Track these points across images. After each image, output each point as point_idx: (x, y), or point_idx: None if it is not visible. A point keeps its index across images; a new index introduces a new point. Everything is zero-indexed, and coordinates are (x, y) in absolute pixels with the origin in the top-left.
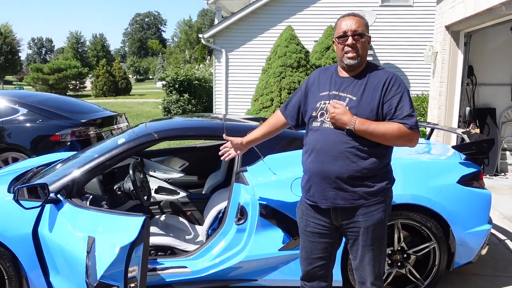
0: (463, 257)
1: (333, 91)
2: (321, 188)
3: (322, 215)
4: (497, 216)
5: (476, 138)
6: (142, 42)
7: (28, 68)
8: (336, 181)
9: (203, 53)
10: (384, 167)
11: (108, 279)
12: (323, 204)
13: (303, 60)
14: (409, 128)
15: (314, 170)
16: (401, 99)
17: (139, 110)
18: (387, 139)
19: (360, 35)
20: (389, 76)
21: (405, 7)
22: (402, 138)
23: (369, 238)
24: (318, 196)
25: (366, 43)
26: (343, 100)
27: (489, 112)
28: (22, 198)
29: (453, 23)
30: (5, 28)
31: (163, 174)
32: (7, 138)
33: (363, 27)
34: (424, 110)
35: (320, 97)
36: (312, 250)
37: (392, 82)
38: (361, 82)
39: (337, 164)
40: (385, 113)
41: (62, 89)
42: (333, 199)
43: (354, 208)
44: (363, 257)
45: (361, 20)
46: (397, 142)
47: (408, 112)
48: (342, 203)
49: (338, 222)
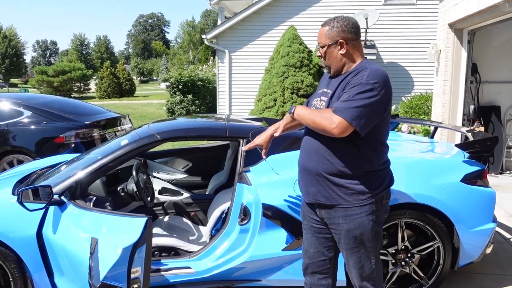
0: (468, 256)
1: (324, 89)
2: (305, 183)
3: (312, 210)
4: (502, 214)
5: (481, 136)
6: (146, 44)
7: (33, 71)
8: (315, 177)
9: (207, 53)
10: (364, 169)
11: (111, 280)
12: (307, 199)
13: (306, 59)
14: (333, 111)
15: (300, 165)
16: (350, 93)
17: (143, 112)
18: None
19: (322, 47)
20: (357, 69)
21: (408, 5)
22: (321, 119)
23: (351, 242)
24: (303, 191)
25: (333, 51)
26: (326, 96)
27: (493, 110)
28: (26, 200)
29: (456, 21)
30: (10, 31)
31: (167, 175)
32: (12, 140)
33: (324, 38)
34: (428, 108)
35: (315, 95)
36: (311, 243)
37: (351, 78)
38: (340, 79)
39: (313, 160)
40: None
41: (67, 91)
42: (314, 194)
43: (332, 206)
44: (348, 260)
45: (323, 30)
46: (318, 124)
47: (343, 98)
48: (322, 200)
49: (323, 219)
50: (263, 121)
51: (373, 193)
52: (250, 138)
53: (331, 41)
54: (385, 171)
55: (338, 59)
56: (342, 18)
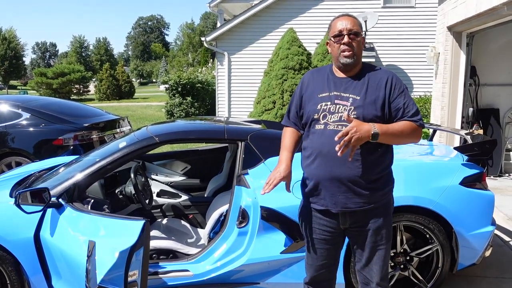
0: (467, 259)
1: (334, 92)
2: (331, 193)
3: (330, 220)
4: (501, 217)
5: (480, 139)
6: (145, 46)
7: (32, 73)
8: (348, 184)
9: (206, 56)
10: (388, 168)
11: (108, 284)
12: (334, 208)
13: (305, 62)
14: (419, 125)
15: (323, 175)
16: (405, 97)
17: (143, 114)
18: (402, 138)
19: (356, 34)
20: (389, 75)
21: (407, 8)
22: (413, 135)
23: (378, 239)
24: (328, 200)
25: (361, 43)
26: (346, 100)
27: (492, 113)
28: (24, 202)
29: (455, 24)
30: (9, 33)
31: (165, 177)
32: (10, 142)
33: (358, 27)
34: (427, 111)
35: (320, 99)
36: (319, 256)
37: (394, 82)
38: (362, 81)
39: (347, 167)
40: (394, 112)
41: (66, 93)
42: (344, 203)
43: (364, 211)
44: (371, 258)
45: (355, 20)
46: (408, 140)
47: (414, 109)
48: (353, 206)
49: (345, 226)
50: (262, 123)
51: (392, 187)
52: (248, 141)
53: (361, 32)
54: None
55: (362, 51)
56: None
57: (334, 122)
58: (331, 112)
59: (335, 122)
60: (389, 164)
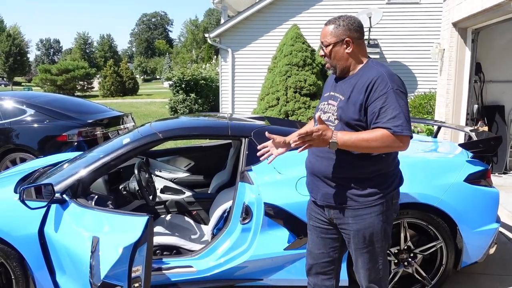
0: (471, 256)
1: (330, 92)
2: (315, 186)
3: (321, 211)
4: (505, 214)
5: (485, 136)
6: (149, 42)
7: (36, 69)
8: (325, 180)
9: (210, 52)
10: (378, 171)
11: (112, 279)
12: (319, 201)
13: (309, 58)
14: (393, 132)
15: (308, 168)
16: (386, 100)
17: (146, 110)
18: (371, 147)
19: (326, 46)
20: (375, 76)
21: (412, 4)
22: (388, 144)
23: (360, 242)
24: (314, 193)
25: (339, 50)
26: (335, 100)
27: (497, 110)
28: (28, 198)
29: (460, 20)
30: (14, 30)
31: (169, 173)
32: (14, 138)
33: (330, 36)
34: (431, 108)
35: (323, 99)
36: (315, 244)
37: (377, 83)
38: (352, 82)
39: (323, 163)
40: (369, 118)
41: (70, 89)
42: (325, 197)
43: (343, 209)
44: (356, 260)
45: (327, 29)
46: (384, 149)
47: (392, 114)
48: (332, 202)
49: (332, 220)
50: (266, 120)
51: (384, 193)
52: (252, 137)
53: (337, 39)
54: (395, 171)
55: (344, 58)
56: (347, 17)
57: (325, 121)
58: (324, 111)
59: (325, 121)
60: (377, 170)
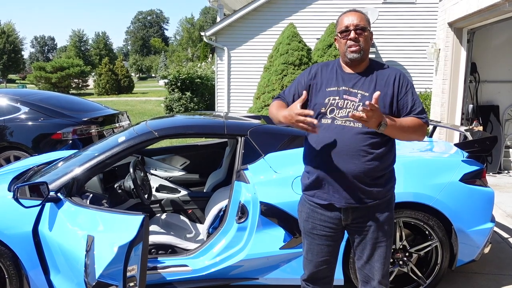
0: (466, 256)
1: (342, 87)
2: (336, 188)
3: (332, 215)
4: (500, 214)
5: (479, 135)
6: (145, 40)
7: (31, 67)
8: (352, 180)
9: (205, 51)
10: (391, 167)
11: (107, 278)
12: (337, 203)
13: (305, 57)
14: (425, 122)
15: (328, 169)
16: (413, 95)
17: (142, 108)
18: (408, 133)
19: (362, 29)
20: (397, 73)
21: (407, 4)
22: (419, 132)
23: (379, 235)
24: (332, 195)
25: (369, 38)
26: (354, 96)
27: (492, 110)
28: (22, 196)
29: (456, 20)
30: (8, 27)
31: (164, 172)
32: (8, 136)
33: (365, 22)
34: (427, 107)
35: (328, 93)
36: (319, 252)
37: (402, 79)
38: (370, 78)
39: (353, 162)
40: (401, 109)
41: (65, 87)
42: (348, 198)
43: (366, 207)
44: (372, 254)
45: (362, 15)
46: (414, 136)
47: (420, 107)
48: (356, 202)
49: (347, 221)
50: (262, 119)
51: (394, 184)
52: (248, 136)
53: (369, 27)
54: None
55: (369, 46)
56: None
57: (342, 118)
58: (339, 107)
59: (342, 117)
60: (392, 163)
